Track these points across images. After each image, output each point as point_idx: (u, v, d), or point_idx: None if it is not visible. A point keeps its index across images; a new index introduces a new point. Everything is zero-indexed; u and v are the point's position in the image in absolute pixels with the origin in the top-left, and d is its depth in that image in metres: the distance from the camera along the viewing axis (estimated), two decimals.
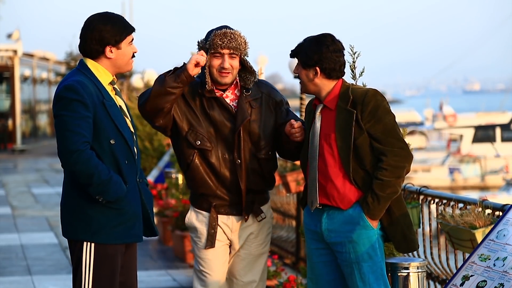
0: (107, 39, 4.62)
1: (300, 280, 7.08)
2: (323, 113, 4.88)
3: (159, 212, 10.92)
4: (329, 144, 4.81)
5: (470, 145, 41.74)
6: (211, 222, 5.04)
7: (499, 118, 42.99)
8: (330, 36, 4.85)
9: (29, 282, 8.62)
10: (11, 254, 10.24)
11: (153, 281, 8.63)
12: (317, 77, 4.83)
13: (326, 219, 4.86)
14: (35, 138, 34.98)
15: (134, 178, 4.70)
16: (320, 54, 4.79)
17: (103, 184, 4.50)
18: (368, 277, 4.79)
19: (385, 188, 4.73)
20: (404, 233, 4.85)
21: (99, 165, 4.50)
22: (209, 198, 5.06)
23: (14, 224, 12.75)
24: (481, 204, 5.24)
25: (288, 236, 10.01)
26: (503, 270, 4.52)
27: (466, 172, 39.57)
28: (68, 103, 4.52)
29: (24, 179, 19.58)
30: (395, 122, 4.81)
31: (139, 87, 20.94)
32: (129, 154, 4.67)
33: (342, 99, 4.82)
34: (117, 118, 4.65)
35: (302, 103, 9.70)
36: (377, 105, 4.76)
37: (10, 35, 34.34)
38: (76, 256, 4.63)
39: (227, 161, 5.01)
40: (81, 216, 4.59)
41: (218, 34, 4.95)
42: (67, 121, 4.50)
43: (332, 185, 4.80)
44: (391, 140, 4.76)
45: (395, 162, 4.74)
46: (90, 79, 4.63)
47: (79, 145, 4.46)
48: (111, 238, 4.61)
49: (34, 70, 37.35)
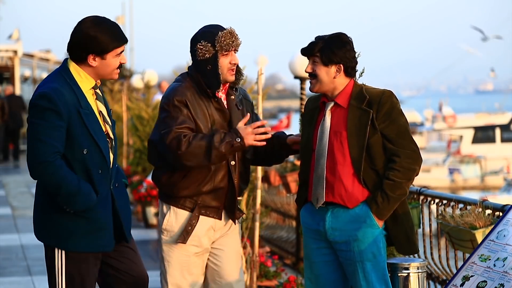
0: (92, 48, 4.50)
1: (300, 281, 7.08)
2: (333, 111, 4.86)
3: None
4: (339, 142, 4.79)
5: (470, 146, 41.76)
6: (191, 220, 4.96)
7: (498, 119, 43.00)
8: (346, 35, 4.87)
9: (29, 283, 8.61)
10: (11, 254, 10.24)
11: (153, 281, 8.59)
12: (339, 74, 4.82)
13: (331, 218, 4.84)
14: None
15: (107, 187, 4.62)
16: (345, 51, 4.80)
17: (71, 195, 4.45)
18: (371, 276, 4.79)
19: (396, 189, 4.73)
20: (407, 235, 4.85)
21: (67, 177, 4.43)
22: (194, 198, 4.98)
23: (14, 224, 12.74)
24: (481, 205, 5.24)
25: (288, 236, 10.02)
26: (503, 271, 4.52)
27: (466, 173, 39.58)
28: (41, 111, 4.44)
29: (24, 180, 19.56)
30: (407, 124, 4.83)
31: (139, 87, 20.91)
32: (103, 163, 4.58)
33: (356, 98, 4.81)
34: (93, 126, 4.54)
35: (302, 104, 9.69)
36: (393, 106, 4.77)
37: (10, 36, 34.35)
38: (49, 259, 4.62)
39: (222, 163, 4.94)
40: (51, 222, 4.57)
41: (226, 34, 4.91)
42: (38, 130, 4.43)
43: (340, 183, 4.78)
44: (404, 142, 4.77)
45: (408, 164, 4.74)
46: (69, 84, 4.53)
47: (47, 156, 4.40)
48: (80, 246, 4.57)
49: (34, 70, 37.32)
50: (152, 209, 11.82)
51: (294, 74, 10.15)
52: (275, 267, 7.72)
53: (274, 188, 10.23)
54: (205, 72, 4.93)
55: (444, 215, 5.39)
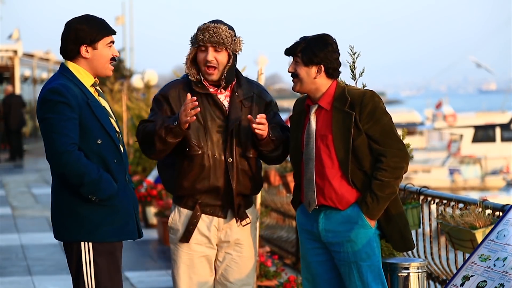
0: (82, 38, 4.62)
1: (300, 281, 7.08)
2: (318, 114, 4.86)
3: (159, 212, 10.92)
4: (326, 145, 4.80)
5: (470, 145, 41.74)
6: (192, 219, 4.97)
7: (499, 118, 42.98)
8: (331, 36, 4.86)
9: (29, 283, 8.61)
10: (11, 254, 10.24)
11: (153, 281, 8.63)
12: (319, 75, 4.82)
13: (323, 219, 4.86)
14: (35, 138, 34.95)
15: (123, 177, 4.70)
16: (326, 52, 4.79)
17: (94, 182, 4.51)
18: (366, 276, 4.80)
19: (384, 188, 4.74)
20: (401, 232, 4.87)
21: (88, 165, 4.51)
22: (196, 196, 4.98)
23: (14, 224, 12.74)
24: (481, 205, 5.24)
25: (288, 236, 10.01)
26: (503, 271, 4.53)
27: (466, 173, 39.56)
28: (54, 106, 4.52)
29: (24, 179, 19.57)
30: (392, 123, 4.82)
31: (139, 87, 20.91)
32: (117, 153, 4.67)
33: (339, 100, 4.81)
34: (103, 118, 4.65)
35: None
36: (375, 106, 4.77)
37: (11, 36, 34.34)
38: (75, 257, 4.62)
39: (218, 161, 4.93)
40: (74, 217, 4.59)
41: (201, 28, 4.92)
42: (53, 123, 4.51)
43: (330, 186, 4.80)
44: (389, 141, 4.77)
45: (394, 163, 4.75)
46: (73, 81, 4.63)
47: (66, 146, 4.47)
48: (107, 236, 4.62)
49: (34, 70, 37.32)
50: (152, 209, 11.82)
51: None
52: (275, 267, 7.72)
53: (274, 188, 10.23)
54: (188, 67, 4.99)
55: (444, 215, 5.39)
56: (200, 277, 5.03)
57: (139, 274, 8.93)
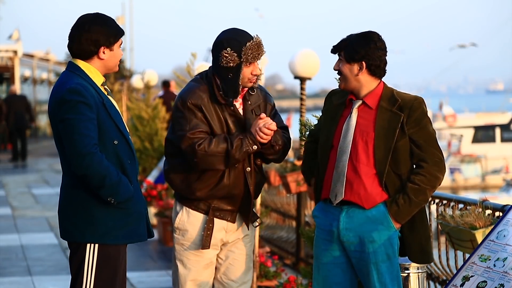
0: (103, 41, 4.63)
1: (300, 281, 7.08)
2: (360, 110, 4.83)
3: (159, 213, 10.92)
4: (365, 141, 4.76)
5: (470, 145, 41.74)
6: (208, 224, 4.97)
7: (498, 118, 42.98)
8: (377, 33, 4.83)
9: (29, 283, 8.61)
10: (11, 254, 10.24)
11: (153, 281, 8.63)
12: (361, 72, 4.79)
13: (345, 218, 4.79)
14: (35, 139, 34.96)
15: (136, 178, 4.72)
16: (367, 49, 4.76)
17: (114, 185, 4.51)
18: (385, 277, 4.75)
19: (419, 194, 4.70)
20: (421, 245, 4.82)
21: (109, 167, 4.51)
22: (209, 200, 4.99)
23: (14, 224, 12.74)
24: (481, 205, 5.24)
25: (288, 236, 10.02)
26: (503, 271, 4.53)
27: (466, 172, 39.55)
28: (74, 106, 4.51)
29: (24, 180, 19.57)
30: (435, 133, 4.82)
31: (139, 87, 20.91)
32: (131, 154, 4.69)
33: (387, 100, 4.79)
34: (117, 118, 4.66)
35: (302, 104, 9.69)
36: (424, 113, 4.77)
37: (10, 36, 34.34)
38: (78, 257, 4.62)
39: (237, 170, 4.95)
40: (87, 218, 4.58)
41: (254, 46, 4.87)
42: (74, 124, 4.48)
43: (361, 182, 4.74)
44: (432, 149, 4.76)
45: (434, 171, 4.73)
46: (86, 81, 4.62)
47: (90, 147, 4.46)
48: (118, 239, 4.62)
49: (34, 70, 37.33)
50: (152, 209, 11.82)
51: (294, 74, 10.14)
52: (275, 267, 7.72)
53: (274, 188, 10.23)
54: (225, 79, 4.89)
55: (444, 215, 5.39)
56: (204, 279, 5.06)
57: (139, 274, 8.93)
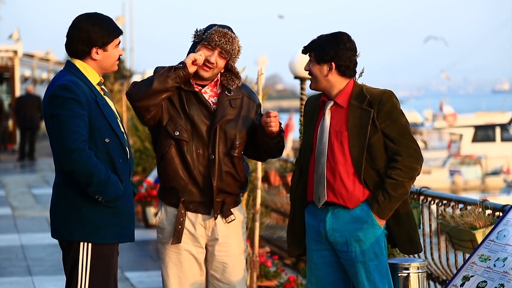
0: (94, 41, 4.63)
1: (300, 281, 7.08)
2: (333, 111, 4.86)
3: None
4: (340, 141, 4.79)
5: (470, 145, 41.71)
6: (179, 218, 4.99)
7: (498, 118, 42.95)
8: (346, 34, 4.87)
9: (29, 283, 8.61)
10: (11, 254, 10.24)
11: (153, 281, 8.63)
12: (331, 73, 4.82)
13: (331, 218, 4.84)
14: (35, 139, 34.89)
15: (127, 178, 4.72)
16: (337, 50, 4.80)
17: (102, 183, 4.50)
18: (374, 276, 4.78)
19: (398, 188, 4.73)
20: (409, 235, 4.85)
21: (98, 164, 4.49)
22: (179, 193, 5.00)
23: (14, 224, 12.74)
24: (481, 205, 5.24)
25: None
26: (503, 271, 4.53)
27: (466, 174, 39.51)
28: (64, 102, 4.51)
29: (24, 180, 19.56)
30: (408, 124, 4.83)
31: None
32: (123, 153, 4.68)
33: (356, 97, 4.82)
34: (111, 117, 4.65)
35: (302, 104, 9.70)
36: (394, 106, 4.79)
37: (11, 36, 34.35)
38: (72, 257, 4.62)
39: (201, 157, 4.97)
40: (76, 216, 4.58)
41: (219, 31, 4.95)
42: (64, 120, 4.48)
43: (341, 183, 4.78)
44: (406, 141, 4.77)
45: (410, 163, 4.75)
46: (81, 79, 4.62)
47: (78, 143, 4.45)
48: (107, 238, 4.62)
49: (35, 70, 37.31)
50: (152, 209, 11.82)
51: (294, 74, 10.15)
52: (275, 267, 7.72)
53: (274, 188, 10.23)
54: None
55: (444, 215, 5.40)
56: (189, 276, 5.05)
57: (139, 274, 8.93)
